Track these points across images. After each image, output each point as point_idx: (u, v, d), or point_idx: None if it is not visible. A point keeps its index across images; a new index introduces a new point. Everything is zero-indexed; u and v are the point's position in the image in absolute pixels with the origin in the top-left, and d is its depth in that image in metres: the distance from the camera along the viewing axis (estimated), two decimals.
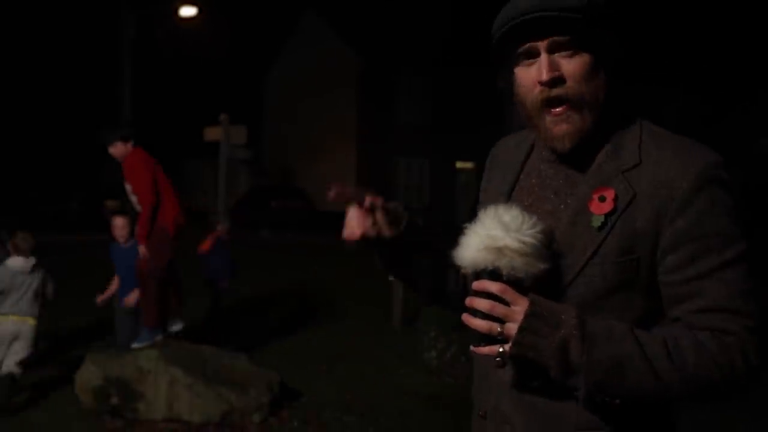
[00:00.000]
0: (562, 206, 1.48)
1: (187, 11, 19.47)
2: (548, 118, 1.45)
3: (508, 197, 1.58)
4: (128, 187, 6.25)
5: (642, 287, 1.42)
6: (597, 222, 1.41)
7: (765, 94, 30.36)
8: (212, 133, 18.71)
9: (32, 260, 5.69)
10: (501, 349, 1.34)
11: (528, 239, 1.33)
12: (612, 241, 1.40)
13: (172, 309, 6.44)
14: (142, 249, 6.07)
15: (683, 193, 1.38)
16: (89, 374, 5.39)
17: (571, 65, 1.42)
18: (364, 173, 26.59)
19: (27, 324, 5.53)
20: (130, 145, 6.22)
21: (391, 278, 6.24)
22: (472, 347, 1.39)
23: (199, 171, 35.07)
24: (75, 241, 16.86)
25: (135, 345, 5.95)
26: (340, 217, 1.58)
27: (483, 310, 1.33)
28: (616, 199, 1.41)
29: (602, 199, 1.41)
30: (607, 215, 1.40)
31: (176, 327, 6.42)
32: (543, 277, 1.35)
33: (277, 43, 33.21)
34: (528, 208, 1.46)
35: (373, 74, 27.36)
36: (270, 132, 33.86)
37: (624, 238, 1.40)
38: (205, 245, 8.00)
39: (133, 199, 6.21)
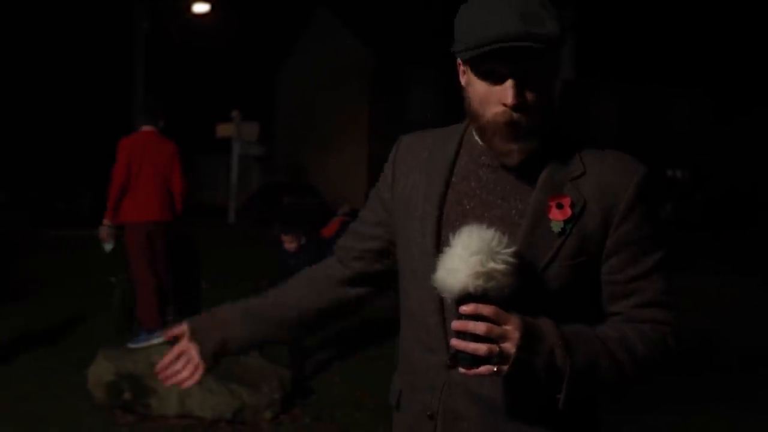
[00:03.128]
0: (514, 212, 1.54)
1: (200, 7, 19.50)
2: (504, 135, 1.50)
3: (443, 199, 1.60)
4: None
5: (588, 286, 1.56)
6: (557, 228, 1.50)
7: None
8: (224, 130, 18.73)
9: None
10: (496, 369, 1.37)
11: (510, 259, 1.38)
12: (568, 245, 1.51)
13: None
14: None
15: (626, 203, 1.52)
16: (102, 370, 5.39)
17: (535, 92, 1.49)
18: (376, 169, 26.48)
19: None
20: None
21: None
22: (463, 370, 1.39)
23: (212, 167, 35.16)
24: (87, 236, 16.91)
25: (130, 345, 5.90)
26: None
27: (481, 334, 1.35)
28: (572, 206, 1.51)
29: (560, 207, 1.51)
30: (566, 221, 1.50)
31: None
32: (517, 290, 1.41)
33: (290, 39, 33.24)
34: (471, 211, 1.56)
35: (384, 70, 27.32)
36: (282, 128, 33.90)
37: (578, 242, 1.51)
38: (330, 229, 7.97)
39: None
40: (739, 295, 10.77)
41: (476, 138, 1.60)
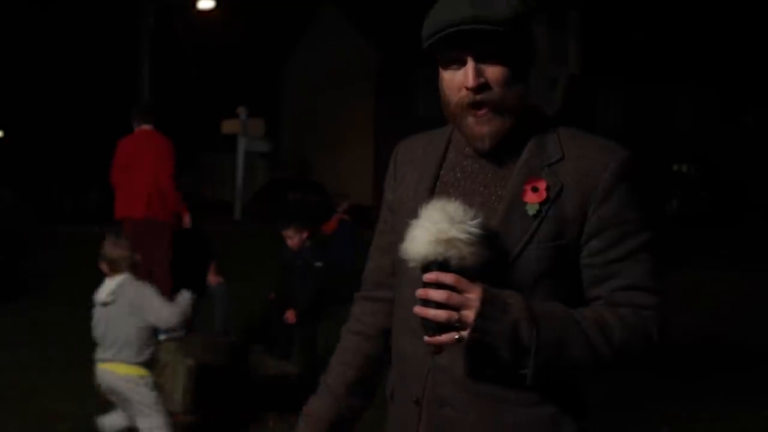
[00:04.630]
0: (494, 197, 1.58)
1: (205, 3, 19.50)
2: (471, 119, 1.55)
3: (431, 192, 1.65)
4: None
5: (568, 269, 1.56)
6: (532, 210, 1.52)
7: None
8: (230, 126, 18.69)
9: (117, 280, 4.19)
10: (458, 336, 1.41)
11: (473, 229, 1.41)
12: (545, 227, 1.52)
13: None
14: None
15: (605, 185, 1.52)
16: None
17: (495, 73, 1.52)
18: (382, 167, 26.50)
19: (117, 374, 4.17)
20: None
21: None
22: (426, 338, 1.43)
23: (217, 163, 35.17)
24: (94, 233, 16.94)
25: None
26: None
27: (439, 301, 1.38)
28: (547, 189, 1.53)
29: (535, 190, 1.53)
30: (541, 204, 1.52)
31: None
32: (486, 265, 1.44)
33: (295, 36, 33.21)
34: (456, 200, 1.54)
35: (391, 67, 27.29)
36: (288, 125, 33.89)
37: (555, 224, 1.52)
38: (329, 226, 7.94)
39: None
40: (743, 291, 10.75)
41: None
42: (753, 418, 5.46)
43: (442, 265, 1.39)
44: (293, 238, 6.13)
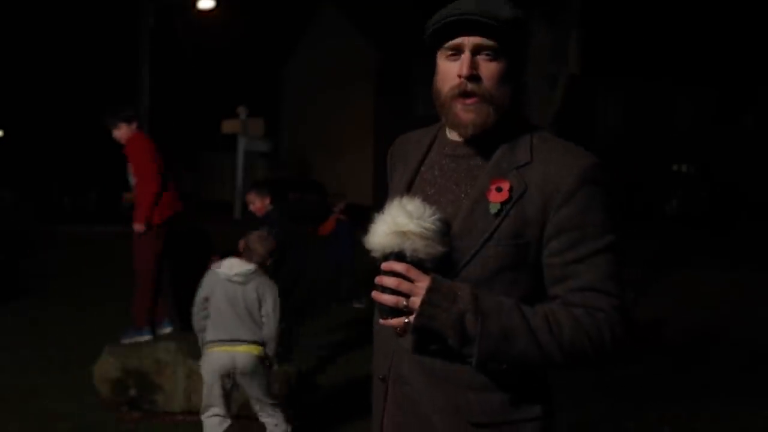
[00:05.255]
0: (463, 195, 1.66)
1: (205, 3, 19.50)
2: (459, 106, 1.64)
3: (409, 187, 1.76)
4: (131, 167, 6.12)
5: (529, 268, 1.63)
6: (494, 209, 1.60)
7: None
8: (230, 126, 18.65)
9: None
10: (406, 320, 1.55)
11: (428, 225, 1.55)
12: (506, 226, 1.60)
13: (161, 309, 6.23)
14: (138, 227, 5.96)
15: (567, 188, 1.59)
16: (108, 366, 5.41)
17: (489, 68, 1.62)
18: (382, 166, 26.46)
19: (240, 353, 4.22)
20: (134, 127, 6.11)
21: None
22: (380, 320, 1.61)
23: (217, 163, 35.16)
24: (93, 233, 16.96)
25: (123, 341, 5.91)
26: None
27: (390, 287, 1.54)
28: (511, 190, 1.61)
29: (499, 190, 1.61)
30: (503, 203, 1.60)
31: (166, 329, 6.13)
32: (443, 259, 1.57)
33: (295, 35, 33.21)
34: (431, 197, 1.69)
35: (391, 67, 27.29)
36: (288, 124, 33.89)
37: (516, 224, 1.60)
38: (326, 228, 7.90)
39: (132, 180, 6.11)
40: (743, 291, 10.75)
41: (446, 131, 1.77)
42: (753, 418, 5.46)
43: (398, 255, 1.54)
44: (255, 203, 6.02)
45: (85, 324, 7.78)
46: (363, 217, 1.97)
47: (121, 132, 6.10)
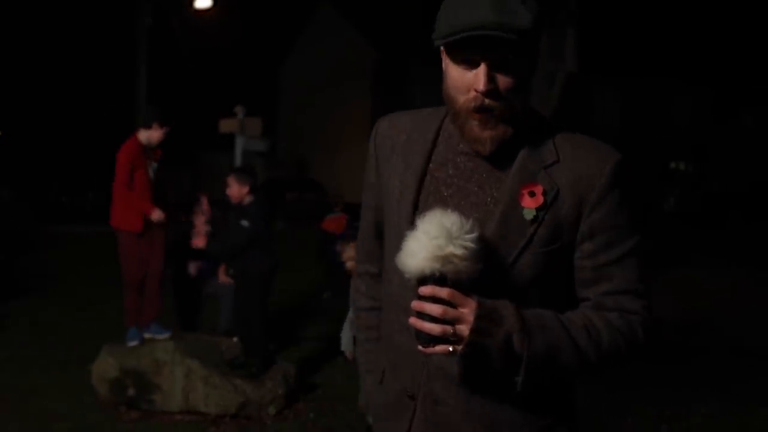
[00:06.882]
0: (489, 200, 1.57)
1: (203, 3, 19.47)
2: (475, 122, 1.53)
3: (419, 185, 1.63)
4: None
5: (561, 272, 1.58)
6: (530, 215, 1.53)
7: None
8: (227, 125, 18.61)
9: None
10: (451, 349, 1.43)
11: (470, 244, 1.41)
12: (542, 232, 1.53)
13: (152, 314, 5.91)
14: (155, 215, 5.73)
15: (600, 188, 1.54)
16: (106, 366, 5.42)
17: (506, 82, 1.50)
18: None
19: None
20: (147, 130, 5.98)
21: None
22: (421, 347, 1.45)
23: (215, 162, 35.10)
24: (92, 232, 16.94)
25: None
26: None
27: (435, 315, 1.41)
28: (544, 193, 1.53)
29: (532, 195, 1.53)
30: (538, 209, 1.53)
31: (164, 335, 5.76)
32: (480, 275, 1.44)
33: (293, 34, 33.19)
34: (448, 199, 1.59)
35: (388, 66, 27.30)
36: (285, 123, 33.87)
37: (551, 228, 1.54)
38: (338, 226, 7.82)
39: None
40: (740, 289, 10.76)
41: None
42: (751, 417, 5.47)
43: (438, 280, 1.41)
44: (232, 187, 5.77)
45: (84, 324, 7.78)
46: (359, 215, 1.90)
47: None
